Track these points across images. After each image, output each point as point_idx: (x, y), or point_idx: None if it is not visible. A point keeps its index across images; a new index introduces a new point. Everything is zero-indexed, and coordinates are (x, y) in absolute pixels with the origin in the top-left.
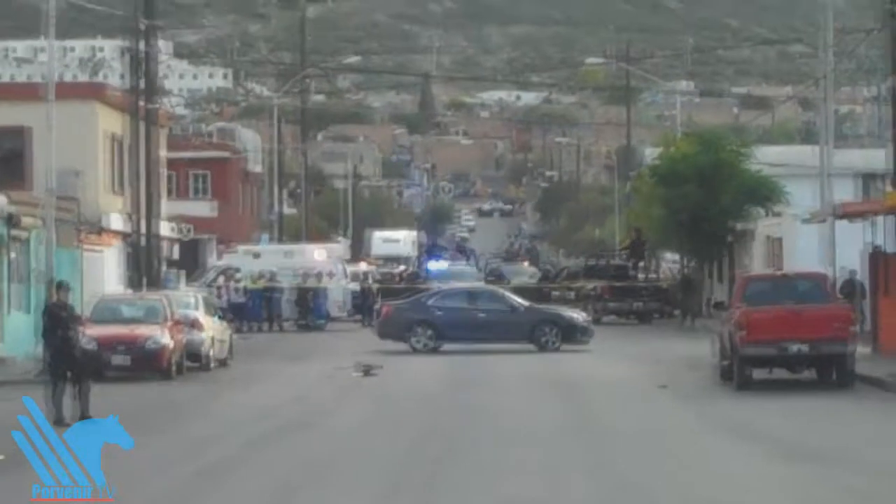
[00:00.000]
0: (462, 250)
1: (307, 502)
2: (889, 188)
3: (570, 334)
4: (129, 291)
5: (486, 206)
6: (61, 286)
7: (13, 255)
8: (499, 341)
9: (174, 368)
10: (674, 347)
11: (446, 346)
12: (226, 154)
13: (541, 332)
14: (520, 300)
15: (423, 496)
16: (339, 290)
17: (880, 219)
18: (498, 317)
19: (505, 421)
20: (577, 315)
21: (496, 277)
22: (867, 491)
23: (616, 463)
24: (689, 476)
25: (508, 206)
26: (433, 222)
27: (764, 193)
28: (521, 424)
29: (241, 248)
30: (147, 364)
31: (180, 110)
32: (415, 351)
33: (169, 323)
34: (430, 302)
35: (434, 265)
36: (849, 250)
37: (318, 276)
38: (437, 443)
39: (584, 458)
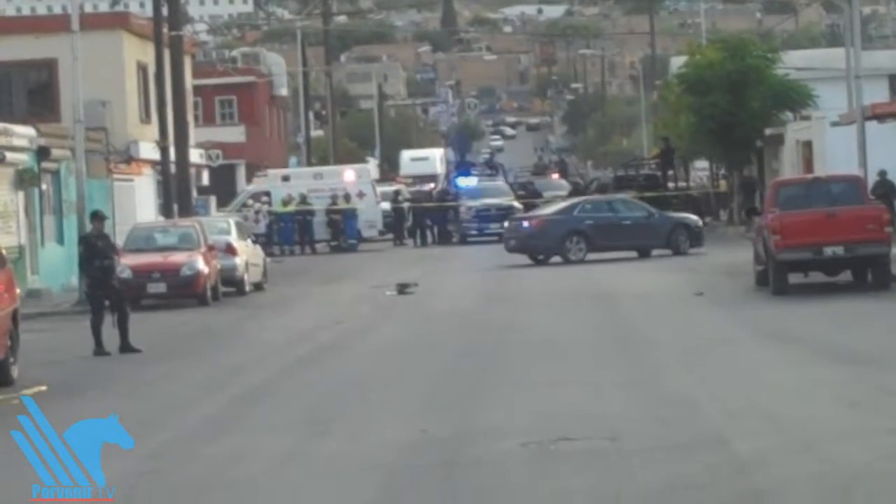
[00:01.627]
0: (491, 165)
1: (346, 422)
2: None
3: (696, 238)
4: (162, 219)
5: (511, 120)
6: (96, 215)
7: (45, 186)
8: (641, 248)
9: (210, 294)
10: (709, 254)
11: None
12: (252, 78)
13: (677, 236)
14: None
15: (463, 412)
16: (370, 211)
17: None
18: (640, 223)
19: (542, 336)
20: (696, 219)
21: (527, 192)
22: None
23: (656, 373)
24: (727, 382)
25: (535, 121)
26: (462, 139)
27: (792, 97)
28: (559, 339)
29: (271, 171)
30: (183, 291)
31: (203, 37)
32: (568, 262)
33: (203, 249)
34: (576, 213)
35: (463, 181)
36: (880, 152)
37: (348, 197)
38: (475, 359)
39: (624, 369)
